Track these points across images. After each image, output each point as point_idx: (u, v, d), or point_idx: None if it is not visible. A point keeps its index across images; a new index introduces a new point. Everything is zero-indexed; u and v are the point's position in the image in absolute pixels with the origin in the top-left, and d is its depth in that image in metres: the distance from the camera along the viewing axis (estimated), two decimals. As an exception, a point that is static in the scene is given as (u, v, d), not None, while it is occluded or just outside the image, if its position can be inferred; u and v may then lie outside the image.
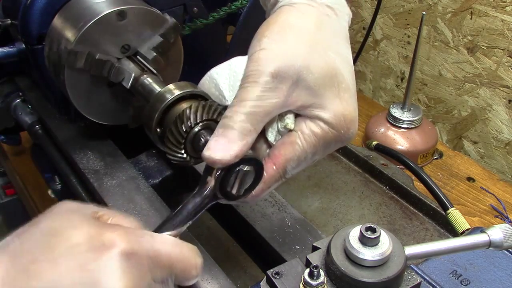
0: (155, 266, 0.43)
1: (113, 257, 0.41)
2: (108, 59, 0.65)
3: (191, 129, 0.60)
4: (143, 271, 0.42)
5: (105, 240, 0.42)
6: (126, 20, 0.65)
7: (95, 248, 0.41)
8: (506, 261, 0.58)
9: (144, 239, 0.43)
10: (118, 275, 0.40)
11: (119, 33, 0.66)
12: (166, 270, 0.44)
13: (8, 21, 0.76)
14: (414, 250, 0.46)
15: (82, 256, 0.41)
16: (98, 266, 0.40)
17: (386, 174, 0.83)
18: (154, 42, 0.68)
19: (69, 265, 0.40)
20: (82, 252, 0.41)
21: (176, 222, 0.52)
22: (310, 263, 0.46)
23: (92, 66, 0.64)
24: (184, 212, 0.53)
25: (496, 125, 1.08)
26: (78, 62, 0.63)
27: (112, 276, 0.40)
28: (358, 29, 1.32)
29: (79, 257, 0.41)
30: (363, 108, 1.15)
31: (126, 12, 0.65)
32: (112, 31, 0.65)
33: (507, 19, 0.99)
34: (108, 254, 0.41)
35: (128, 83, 0.66)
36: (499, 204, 0.88)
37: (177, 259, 0.45)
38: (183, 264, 0.46)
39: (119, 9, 0.64)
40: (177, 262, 0.45)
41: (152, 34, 0.68)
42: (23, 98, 0.91)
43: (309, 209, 0.79)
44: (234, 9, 0.80)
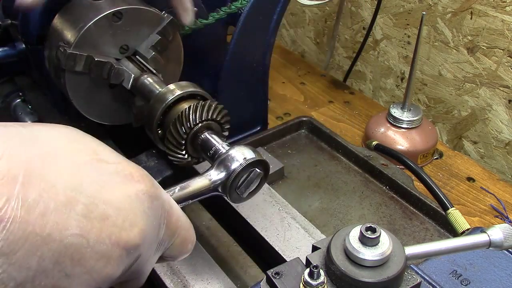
0: (165, 222, 0.42)
1: (139, 191, 0.39)
2: (107, 61, 0.65)
3: (192, 129, 0.60)
4: (157, 221, 0.41)
5: (133, 172, 0.40)
6: (123, 20, 0.65)
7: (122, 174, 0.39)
8: (506, 261, 0.58)
9: (164, 192, 0.43)
10: (140, 211, 0.39)
11: (117, 34, 0.66)
12: (170, 232, 0.43)
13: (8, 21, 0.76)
14: (414, 250, 0.46)
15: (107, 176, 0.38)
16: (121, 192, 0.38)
17: (386, 174, 0.83)
18: (152, 40, 0.68)
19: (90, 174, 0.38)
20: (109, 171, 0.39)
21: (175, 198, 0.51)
22: (310, 263, 0.46)
23: (92, 69, 0.64)
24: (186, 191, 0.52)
25: (496, 125, 1.08)
26: (77, 65, 0.63)
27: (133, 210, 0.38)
28: (358, 29, 1.32)
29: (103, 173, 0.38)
30: (363, 108, 1.15)
31: (122, 12, 0.65)
32: (109, 32, 0.65)
33: (507, 19, 0.99)
34: (135, 186, 0.39)
35: (128, 84, 0.66)
36: (499, 204, 0.88)
37: (182, 226, 0.45)
38: (185, 233, 0.45)
39: (115, 10, 0.64)
40: (181, 229, 0.45)
41: (150, 32, 0.68)
42: (23, 98, 0.91)
43: (309, 209, 0.79)
44: (234, 9, 0.80)
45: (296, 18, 1.50)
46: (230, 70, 0.85)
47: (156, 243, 0.42)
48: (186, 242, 0.45)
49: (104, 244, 0.36)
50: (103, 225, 0.36)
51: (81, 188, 0.36)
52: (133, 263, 0.39)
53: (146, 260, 0.41)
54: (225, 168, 0.54)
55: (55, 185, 0.35)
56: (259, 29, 0.85)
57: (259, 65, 0.89)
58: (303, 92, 1.21)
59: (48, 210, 0.34)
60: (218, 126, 0.63)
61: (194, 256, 0.66)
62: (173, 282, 0.63)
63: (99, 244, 0.36)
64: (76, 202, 0.36)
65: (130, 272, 0.40)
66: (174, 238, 0.44)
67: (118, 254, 0.37)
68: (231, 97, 0.88)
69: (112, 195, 0.38)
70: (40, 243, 0.33)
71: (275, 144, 0.93)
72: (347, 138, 0.98)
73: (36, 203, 0.34)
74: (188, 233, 0.46)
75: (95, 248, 0.36)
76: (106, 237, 0.36)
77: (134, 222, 0.38)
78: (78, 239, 0.35)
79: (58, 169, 0.36)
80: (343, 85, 1.25)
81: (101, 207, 0.37)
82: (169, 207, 0.43)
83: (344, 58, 1.41)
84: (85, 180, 0.37)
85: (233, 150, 0.55)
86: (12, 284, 0.33)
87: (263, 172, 0.56)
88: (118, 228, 0.37)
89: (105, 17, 0.64)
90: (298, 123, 0.96)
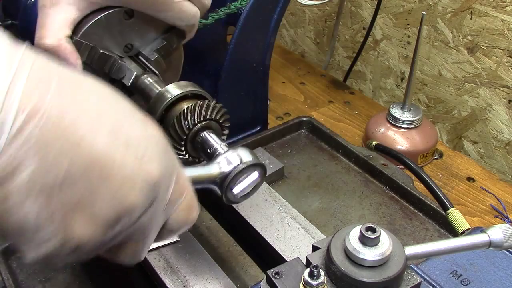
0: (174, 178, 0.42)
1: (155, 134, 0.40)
2: (111, 55, 0.65)
3: (192, 128, 0.60)
4: (169, 170, 0.41)
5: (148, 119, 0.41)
6: (133, 19, 0.65)
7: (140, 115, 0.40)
8: (506, 261, 0.58)
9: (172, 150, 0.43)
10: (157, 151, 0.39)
11: (124, 32, 0.66)
12: (179, 191, 0.43)
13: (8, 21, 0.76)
14: (414, 250, 0.46)
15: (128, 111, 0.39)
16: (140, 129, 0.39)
17: (386, 174, 0.83)
18: (157, 44, 0.68)
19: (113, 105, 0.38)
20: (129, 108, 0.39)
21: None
22: (310, 263, 0.46)
23: (94, 60, 0.64)
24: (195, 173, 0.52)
25: (496, 125, 1.08)
26: (81, 54, 0.63)
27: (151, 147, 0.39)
28: (358, 29, 1.32)
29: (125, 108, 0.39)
30: (363, 108, 1.15)
31: (133, 11, 0.65)
32: (117, 28, 0.65)
33: (507, 19, 0.99)
34: (151, 128, 0.40)
35: (129, 81, 0.66)
36: (499, 204, 0.88)
37: (189, 190, 0.45)
38: (191, 198, 0.45)
39: (128, 7, 0.64)
40: (188, 193, 0.45)
41: (156, 37, 0.69)
42: (23, 98, 0.91)
43: (309, 209, 0.79)
44: (234, 9, 0.80)
45: (296, 18, 1.50)
46: (230, 70, 0.85)
47: (166, 198, 0.42)
48: (191, 208, 0.45)
49: (128, 168, 0.36)
50: (127, 148, 0.37)
51: (107, 110, 0.37)
52: (148, 206, 0.39)
53: (156, 216, 0.41)
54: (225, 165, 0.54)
55: (86, 98, 0.36)
56: (259, 29, 0.85)
57: (259, 65, 0.89)
58: (303, 92, 1.21)
59: (79, 116, 0.35)
60: (218, 125, 0.63)
61: (194, 256, 0.66)
62: (173, 282, 0.63)
63: (124, 167, 0.36)
64: (105, 119, 0.36)
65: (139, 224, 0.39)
66: (182, 199, 0.44)
67: (141, 182, 0.37)
68: (231, 97, 0.88)
69: (133, 128, 0.38)
70: (71, 145, 0.34)
71: (275, 144, 0.93)
72: (347, 138, 0.98)
73: (69, 107, 0.34)
74: (193, 199, 0.46)
75: (121, 169, 0.36)
76: (130, 161, 0.36)
77: (153, 157, 0.38)
78: (106, 154, 0.35)
79: (88, 87, 0.37)
80: (343, 85, 1.25)
81: (125, 133, 0.37)
82: (178, 166, 0.43)
83: (344, 58, 1.41)
84: (112, 105, 0.38)
85: (231, 152, 0.56)
86: (38, 186, 0.33)
87: (260, 175, 0.56)
88: (140, 156, 0.37)
89: (116, 12, 0.64)
90: (298, 123, 0.95)
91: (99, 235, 0.36)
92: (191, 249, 0.67)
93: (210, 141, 0.60)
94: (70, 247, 0.36)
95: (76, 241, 0.36)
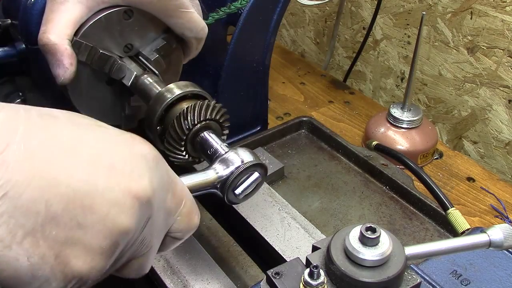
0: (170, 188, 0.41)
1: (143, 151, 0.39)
2: (111, 55, 0.65)
3: (192, 128, 0.60)
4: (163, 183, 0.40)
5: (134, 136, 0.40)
6: (132, 19, 0.65)
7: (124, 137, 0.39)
8: (506, 261, 0.58)
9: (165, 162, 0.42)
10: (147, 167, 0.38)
11: (124, 32, 0.66)
12: (177, 200, 0.42)
13: (8, 21, 0.76)
14: (414, 250, 0.46)
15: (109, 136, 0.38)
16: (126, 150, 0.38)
17: (386, 174, 0.83)
18: (157, 44, 0.68)
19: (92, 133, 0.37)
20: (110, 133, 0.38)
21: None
22: (310, 263, 0.46)
23: (94, 61, 0.64)
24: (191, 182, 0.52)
25: (496, 125, 1.08)
26: (81, 54, 0.63)
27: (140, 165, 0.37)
28: (358, 29, 1.32)
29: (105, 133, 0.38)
30: (363, 108, 1.15)
31: (133, 11, 0.65)
32: (117, 29, 0.65)
33: (507, 19, 0.99)
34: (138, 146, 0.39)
35: (129, 81, 0.66)
36: (499, 204, 0.88)
37: (188, 197, 0.44)
38: (191, 204, 0.45)
39: (127, 7, 0.64)
40: (187, 199, 0.44)
41: (156, 37, 0.69)
42: (23, 98, 0.91)
43: (309, 209, 0.79)
44: (234, 9, 0.80)
45: (296, 18, 1.50)
46: (230, 70, 0.85)
47: (164, 211, 0.41)
48: (192, 213, 0.45)
49: (114, 191, 0.35)
50: (110, 173, 0.35)
51: (84, 141, 0.36)
52: (145, 224, 0.38)
53: (156, 230, 0.40)
54: (226, 167, 0.55)
55: (58, 136, 0.35)
56: (259, 29, 0.85)
57: (259, 65, 0.89)
58: (303, 92, 1.21)
59: (51, 156, 0.33)
60: (218, 125, 0.63)
61: (194, 256, 0.66)
62: (173, 282, 0.63)
63: (109, 191, 0.35)
64: (80, 152, 0.35)
65: (141, 240, 0.39)
66: (181, 207, 0.43)
67: (131, 203, 0.36)
68: (231, 97, 0.88)
69: (117, 150, 0.37)
70: (46, 186, 0.33)
71: (275, 144, 0.93)
72: (347, 138, 0.98)
73: (39, 149, 0.33)
74: (193, 205, 0.45)
75: (105, 195, 0.35)
76: (116, 184, 0.35)
77: (142, 174, 0.37)
78: (86, 185, 0.34)
79: (58, 125, 0.36)
80: (343, 85, 1.25)
81: (106, 158, 0.36)
82: (174, 176, 0.43)
83: (344, 58, 1.41)
84: (88, 136, 0.37)
85: (232, 153, 0.56)
86: (20, 232, 0.32)
87: (261, 175, 0.56)
88: (127, 178, 0.36)
89: (116, 13, 0.64)
90: (298, 123, 0.95)
91: (99, 265, 0.36)
92: (191, 249, 0.67)
93: (210, 142, 0.59)
94: (74, 283, 0.35)
95: (78, 276, 0.35)
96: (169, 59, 0.71)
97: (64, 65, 0.58)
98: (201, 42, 0.70)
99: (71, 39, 0.59)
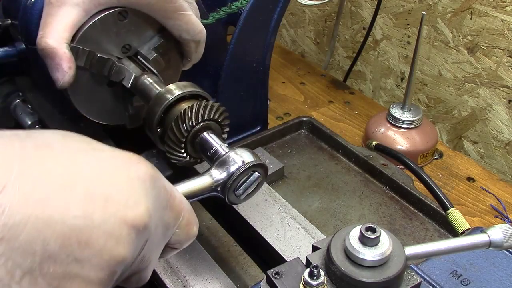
0: (168, 204, 0.42)
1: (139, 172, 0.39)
2: (109, 58, 0.65)
3: (192, 129, 0.60)
4: (161, 202, 0.40)
5: (130, 156, 0.40)
6: (128, 19, 0.65)
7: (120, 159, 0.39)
8: (506, 261, 0.58)
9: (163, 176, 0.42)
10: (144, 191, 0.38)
11: (121, 33, 0.66)
12: (175, 214, 0.43)
13: (8, 21, 0.76)
14: (414, 250, 0.46)
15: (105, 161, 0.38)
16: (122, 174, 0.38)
17: (386, 174, 0.83)
18: (154, 42, 0.68)
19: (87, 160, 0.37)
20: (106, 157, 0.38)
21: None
22: (310, 263, 0.46)
23: (93, 65, 0.64)
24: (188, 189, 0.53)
25: (496, 125, 1.08)
26: (79, 59, 0.63)
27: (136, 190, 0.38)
28: (358, 29, 1.32)
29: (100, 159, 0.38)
30: (363, 108, 1.15)
31: (127, 11, 0.65)
32: (113, 30, 0.65)
33: (507, 19, 0.99)
34: (134, 168, 0.39)
35: (129, 83, 0.66)
36: (499, 204, 0.88)
37: (186, 208, 0.44)
38: (189, 216, 0.45)
39: (121, 8, 0.64)
40: (185, 211, 0.44)
41: (153, 35, 0.68)
42: (23, 98, 0.91)
43: (309, 209, 0.79)
44: (234, 9, 0.80)
45: (296, 18, 1.50)
46: (230, 70, 0.85)
47: (162, 227, 0.41)
48: (191, 224, 0.45)
49: (110, 223, 0.35)
50: (106, 204, 0.35)
51: (79, 172, 0.36)
52: (142, 246, 0.38)
53: (154, 246, 0.41)
54: (225, 169, 0.55)
55: (52, 172, 0.35)
56: (259, 29, 0.85)
57: (259, 65, 0.89)
58: (303, 92, 1.21)
59: (47, 195, 0.34)
60: (218, 126, 0.63)
61: (194, 256, 0.66)
62: (173, 282, 0.63)
63: (105, 224, 0.35)
64: (75, 185, 0.35)
65: (139, 260, 0.39)
66: (179, 220, 0.43)
67: (127, 233, 0.36)
68: (231, 97, 0.88)
69: (112, 177, 0.37)
70: (42, 226, 0.33)
71: (275, 144, 0.93)
72: (347, 138, 0.98)
73: (34, 189, 0.33)
74: (192, 215, 0.45)
75: (101, 228, 0.35)
76: (111, 216, 0.35)
77: (139, 200, 0.37)
78: (82, 221, 0.34)
79: (53, 156, 0.36)
80: (343, 85, 1.25)
81: (102, 188, 0.36)
82: (171, 190, 0.43)
83: (344, 58, 1.41)
84: (83, 165, 0.37)
85: (233, 153, 0.56)
86: (18, 272, 0.32)
87: (262, 175, 0.56)
88: (123, 207, 0.36)
89: (111, 15, 0.64)
90: (298, 123, 0.95)
91: None
92: (191, 249, 0.67)
93: (211, 142, 0.59)
94: None
95: None
96: (168, 57, 0.70)
97: (63, 69, 0.58)
98: (200, 46, 0.69)
99: (69, 42, 0.59)
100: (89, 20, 0.63)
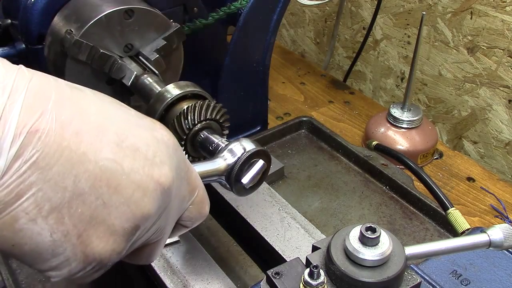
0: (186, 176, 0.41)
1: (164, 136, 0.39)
2: (111, 55, 0.65)
3: (192, 128, 0.60)
4: (180, 170, 0.40)
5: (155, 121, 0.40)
6: (133, 19, 0.65)
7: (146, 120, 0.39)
8: (506, 261, 0.58)
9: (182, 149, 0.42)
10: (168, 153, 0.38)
11: (124, 32, 0.66)
12: (191, 188, 0.42)
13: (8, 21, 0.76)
14: (414, 250, 0.46)
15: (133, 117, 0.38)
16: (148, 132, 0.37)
17: (386, 174, 0.83)
18: (157, 44, 0.68)
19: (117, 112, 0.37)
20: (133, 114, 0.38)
21: None
22: (310, 263, 0.46)
23: (95, 60, 0.64)
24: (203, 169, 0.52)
25: (496, 125, 1.08)
26: (81, 54, 0.63)
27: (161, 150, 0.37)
28: (358, 29, 1.32)
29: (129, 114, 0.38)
30: (363, 108, 1.15)
31: (134, 11, 0.65)
32: (117, 28, 0.65)
33: (507, 19, 0.99)
34: (159, 131, 0.39)
35: (129, 81, 0.66)
36: (499, 204, 0.88)
37: (200, 186, 0.44)
38: (203, 193, 0.45)
39: (128, 7, 0.64)
40: (200, 188, 0.44)
41: (156, 37, 0.69)
42: (23, 98, 0.91)
43: (309, 209, 0.79)
44: (234, 9, 0.80)
45: (296, 18, 1.50)
46: (230, 70, 0.85)
47: (179, 198, 0.41)
48: (204, 202, 0.45)
49: (138, 174, 0.35)
50: (135, 155, 0.35)
51: (110, 118, 0.36)
52: (164, 210, 0.38)
53: (170, 217, 0.40)
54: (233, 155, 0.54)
55: (86, 110, 0.35)
56: (259, 29, 0.85)
57: (259, 65, 0.89)
58: (303, 92, 1.21)
59: (81, 130, 0.33)
60: (218, 125, 0.63)
61: (194, 256, 0.66)
62: (173, 282, 0.63)
63: (134, 173, 0.35)
64: (108, 129, 0.35)
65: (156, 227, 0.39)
66: (194, 196, 0.43)
67: (154, 188, 0.36)
68: (231, 97, 0.88)
69: (140, 134, 0.37)
70: (75, 161, 0.32)
71: (275, 144, 0.93)
72: (347, 138, 0.98)
73: (70, 121, 0.33)
74: (205, 194, 0.45)
75: (130, 177, 0.34)
76: (140, 167, 0.35)
77: (164, 161, 0.37)
78: (112, 164, 0.34)
79: (86, 98, 0.36)
80: (343, 85, 1.25)
81: (132, 139, 0.36)
82: (189, 164, 0.43)
83: (344, 58, 1.41)
84: (114, 113, 0.37)
85: (234, 143, 0.56)
86: (47, 206, 0.32)
87: (266, 162, 0.56)
88: (150, 162, 0.36)
89: (117, 12, 0.64)
90: (298, 123, 0.96)
91: (120, 247, 0.35)
92: (191, 249, 0.67)
93: (211, 138, 0.60)
94: (94, 265, 0.35)
95: (98, 258, 0.35)
96: (169, 59, 0.71)
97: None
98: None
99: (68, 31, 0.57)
100: (95, 15, 0.63)
